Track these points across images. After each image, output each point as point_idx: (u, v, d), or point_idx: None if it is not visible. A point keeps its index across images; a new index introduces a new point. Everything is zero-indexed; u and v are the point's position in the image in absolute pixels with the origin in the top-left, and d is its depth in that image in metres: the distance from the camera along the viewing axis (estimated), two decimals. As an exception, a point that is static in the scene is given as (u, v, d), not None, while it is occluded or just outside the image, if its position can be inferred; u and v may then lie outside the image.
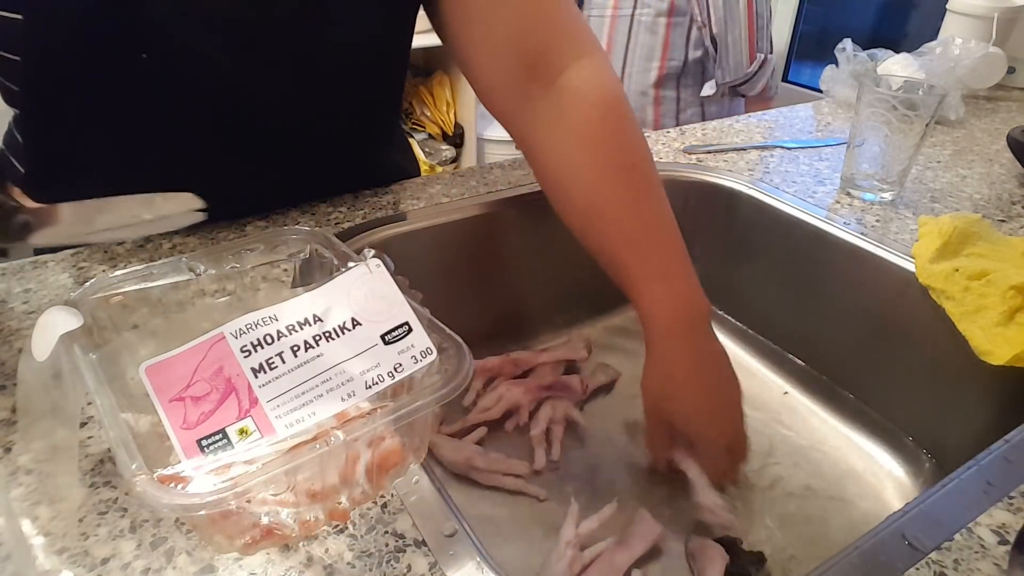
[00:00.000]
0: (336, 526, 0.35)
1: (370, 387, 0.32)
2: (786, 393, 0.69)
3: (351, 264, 0.36)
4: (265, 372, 0.31)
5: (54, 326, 0.32)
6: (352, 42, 0.56)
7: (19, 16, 0.47)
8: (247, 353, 0.31)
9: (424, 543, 0.34)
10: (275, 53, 0.54)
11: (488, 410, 0.62)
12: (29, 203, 0.43)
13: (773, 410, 0.67)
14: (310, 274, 0.43)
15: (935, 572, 0.33)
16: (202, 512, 0.26)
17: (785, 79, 2.22)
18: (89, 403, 0.30)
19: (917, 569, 0.34)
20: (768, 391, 0.70)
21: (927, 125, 0.65)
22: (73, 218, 0.40)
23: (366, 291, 0.35)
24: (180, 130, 0.55)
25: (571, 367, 0.69)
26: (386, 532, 0.35)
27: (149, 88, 0.53)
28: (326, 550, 0.34)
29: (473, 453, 0.57)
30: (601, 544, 0.49)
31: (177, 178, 0.43)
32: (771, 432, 0.65)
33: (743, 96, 1.42)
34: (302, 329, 0.33)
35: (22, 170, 0.60)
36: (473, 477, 0.57)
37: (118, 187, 0.42)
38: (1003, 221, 0.67)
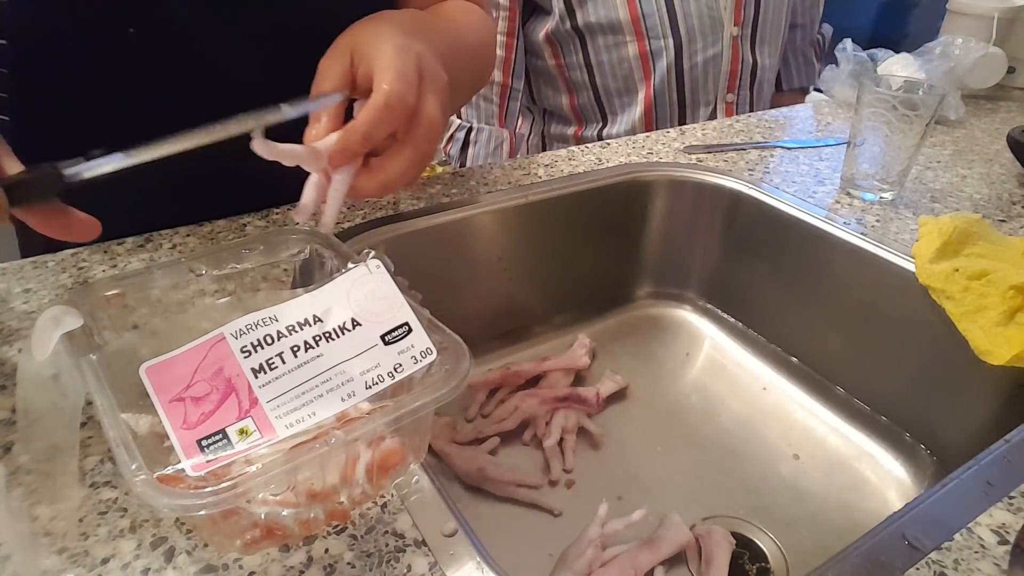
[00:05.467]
0: (336, 526, 0.35)
1: (370, 387, 0.32)
2: (764, 389, 0.69)
3: (351, 265, 0.36)
4: (265, 372, 0.31)
5: (54, 326, 0.32)
6: (337, 14, 0.56)
7: None
8: (247, 353, 0.31)
9: (424, 543, 0.34)
10: (259, 24, 0.54)
11: (504, 421, 0.62)
12: None
13: (772, 411, 0.67)
14: (310, 274, 0.43)
15: (935, 572, 0.33)
16: (202, 512, 0.26)
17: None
18: (89, 403, 0.30)
19: (917, 569, 0.34)
20: (767, 392, 0.70)
21: (927, 125, 0.65)
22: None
23: (366, 292, 0.35)
24: (169, 108, 0.56)
25: (576, 375, 0.69)
26: (386, 532, 0.35)
27: (138, 65, 0.53)
28: (326, 550, 0.34)
29: (486, 463, 0.57)
30: (623, 545, 0.49)
31: (168, 157, 0.42)
32: (770, 433, 0.65)
33: None
34: (302, 329, 0.33)
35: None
36: (486, 488, 0.56)
37: None
38: (1003, 221, 0.67)
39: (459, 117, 1.10)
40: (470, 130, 1.07)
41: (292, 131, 0.45)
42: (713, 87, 1.04)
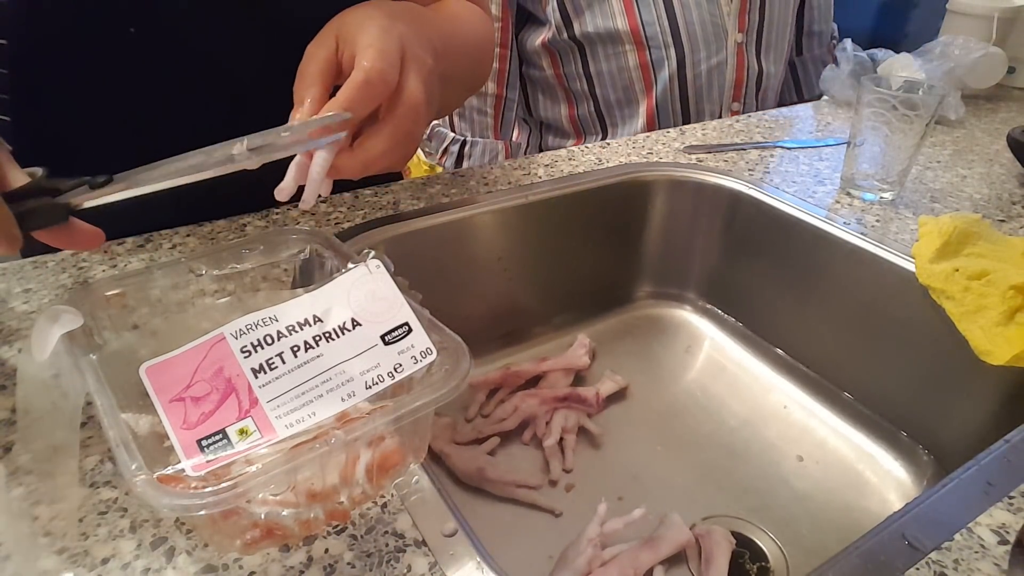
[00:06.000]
0: (336, 526, 0.35)
1: (370, 387, 0.32)
2: (765, 389, 0.69)
3: (351, 265, 0.36)
4: (265, 372, 0.31)
5: (54, 326, 0.32)
6: (337, 13, 0.56)
7: None
8: (247, 353, 0.31)
9: (424, 543, 0.34)
10: (259, 24, 0.54)
11: (504, 420, 0.62)
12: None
13: (772, 411, 0.67)
14: (310, 274, 0.43)
15: (935, 572, 0.33)
16: (202, 512, 0.26)
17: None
18: (89, 403, 0.30)
19: (917, 569, 0.34)
20: (767, 392, 0.70)
21: (927, 125, 0.65)
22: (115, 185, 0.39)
23: (366, 292, 0.35)
24: (169, 108, 0.56)
25: (576, 375, 0.69)
26: (386, 532, 0.35)
27: (138, 64, 0.53)
28: (326, 550, 0.34)
29: (486, 464, 0.57)
30: (623, 544, 0.49)
31: (167, 158, 0.43)
32: (770, 433, 0.65)
33: None
34: (302, 329, 0.33)
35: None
36: (486, 488, 0.56)
37: (108, 167, 0.42)
38: (1003, 221, 0.67)
39: (453, 130, 1.07)
40: (464, 143, 1.05)
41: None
42: (718, 96, 1.01)
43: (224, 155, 0.39)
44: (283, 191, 0.44)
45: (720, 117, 1.03)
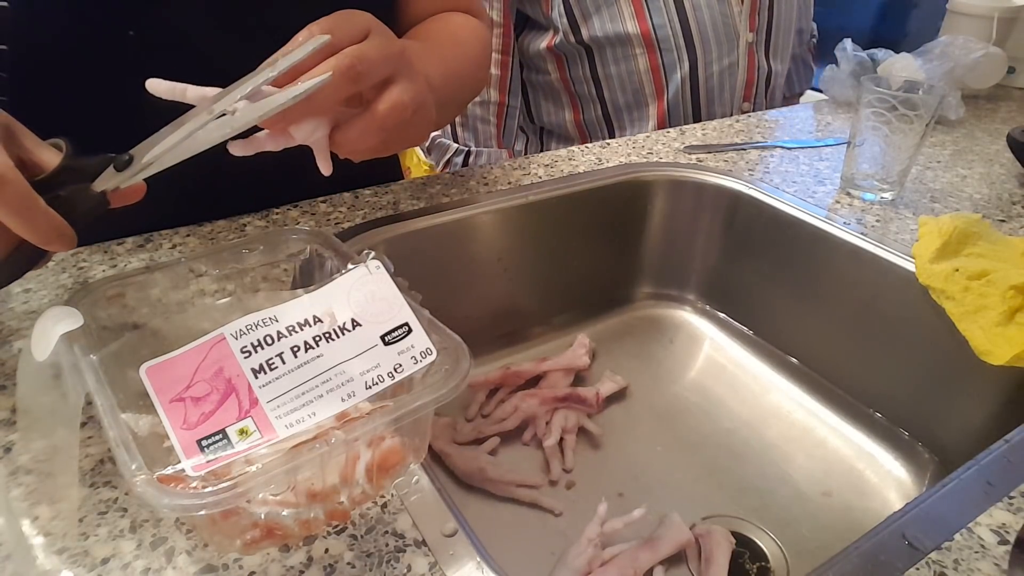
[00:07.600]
0: (336, 526, 0.35)
1: (370, 387, 0.32)
2: (764, 389, 0.69)
3: (351, 265, 0.36)
4: (265, 373, 0.31)
5: (54, 326, 0.32)
6: None
7: (5, 3, 0.47)
8: (247, 354, 0.31)
9: (424, 543, 0.34)
10: (257, 26, 0.54)
11: (504, 421, 0.62)
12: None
13: (772, 411, 0.67)
14: (310, 274, 0.43)
15: (935, 572, 0.33)
16: (202, 512, 0.26)
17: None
18: (89, 403, 0.30)
19: (917, 569, 0.34)
20: (767, 392, 0.70)
21: (927, 125, 0.65)
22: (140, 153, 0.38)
23: (366, 292, 0.35)
24: (169, 112, 0.56)
25: (576, 375, 0.69)
26: (386, 532, 0.35)
27: (137, 67, 0.53)
28: (326, 550, 0.34)
29: (486, 463, 0.57)
30: (623, 544, 0.49)
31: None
32: (770, 433, 0.65)
33: None
34: (302, 330, 0.33)
35: None
36: (486, 488, 0.56)
37: None
38: (1003, 221, 0.67)
39: (456, 141, 1.06)
40: (468, 153, 1.04)
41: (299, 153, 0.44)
42: (729, 97, 1.01)
43: (217, 117, 0.38)
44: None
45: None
